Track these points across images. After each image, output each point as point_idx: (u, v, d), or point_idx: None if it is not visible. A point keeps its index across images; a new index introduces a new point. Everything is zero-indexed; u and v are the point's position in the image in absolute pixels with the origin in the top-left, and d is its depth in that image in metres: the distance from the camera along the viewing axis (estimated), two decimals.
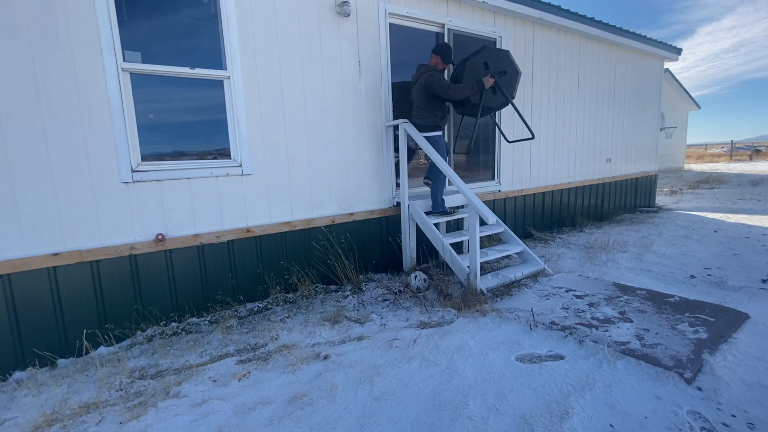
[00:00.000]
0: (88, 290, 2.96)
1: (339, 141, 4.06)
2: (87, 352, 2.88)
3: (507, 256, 4.57)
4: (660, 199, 9.75)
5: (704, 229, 6.33)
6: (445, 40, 4.76)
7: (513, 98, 4.22)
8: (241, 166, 3.51)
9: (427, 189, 4.30)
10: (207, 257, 3.43)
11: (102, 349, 2.96)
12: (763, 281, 3.89)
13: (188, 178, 3.28)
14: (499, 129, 4.28)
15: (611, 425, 1.92)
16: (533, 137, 4.52)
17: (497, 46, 5.32)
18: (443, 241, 3.88)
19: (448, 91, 3.97)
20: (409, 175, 4.33)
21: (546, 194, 6.33)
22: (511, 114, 5.35)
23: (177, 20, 3.22)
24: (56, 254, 2.81)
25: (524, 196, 5.96)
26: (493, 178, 5.57)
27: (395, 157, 4.45)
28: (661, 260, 4.71)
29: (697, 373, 2.28)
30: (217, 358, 2.77)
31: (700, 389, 2.16)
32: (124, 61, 2.97)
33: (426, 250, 4.58)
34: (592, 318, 3.04)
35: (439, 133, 4.16)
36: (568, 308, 3.25)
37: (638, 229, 6.49)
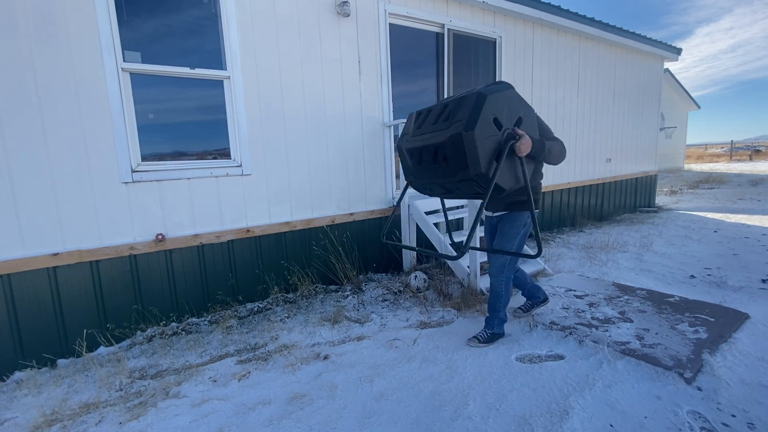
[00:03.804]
0: (88, 290, 2.96)
1: (339, 141, 4.06)
2: (87, 353, 2.88)
3: None
4: (660, 199, 9.75)
5: (704, 229, 6.33)
6: (445, 40, 4.76)
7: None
8: (241, 166, 3.51)
9: None
10: (207, 257, 3.43)
11: (102, 349, 2.96)
12: (763, 281, 3.89)
13: (188, 178, 3.28)
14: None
15: (611, 425, 1.92)
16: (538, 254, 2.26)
17: (497, 47, 5.31)
18: (444, 242, 3.88)
19: None
20: None
21: (546, 194, 6.33)
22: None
23: (177, 20, 3.22)
24: (56, 254, 2.81)
25: None
26: None
27: (395, 157, 4.45)
28: (661, 260, 4.71)
29: (697, 373, 2.28)
30: (217, 358, 2.77)
31: (700, 389, 2.15)
32: (124, 61, 2.97)
33: None
34: (592, 318, 3.04)
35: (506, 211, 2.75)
36: (568, 308, 3.25)
37: (638, 229, 6.49)
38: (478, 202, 3.49)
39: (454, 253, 3.44)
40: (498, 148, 2.09)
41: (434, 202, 4.37)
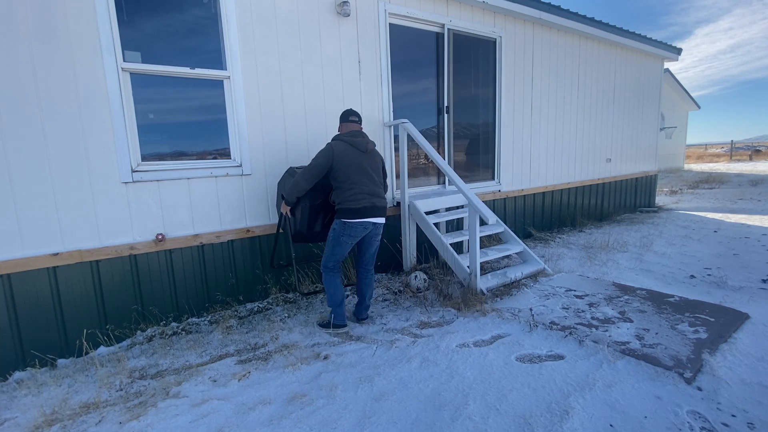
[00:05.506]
0: (88, 290, 2.96)
1: None
2: (87, 352, 2.88)
3: (507, 256, 4.57)
4: (660, 199, 9.75)
5: (704, 229, 6.33)
6: (445, 40, 4.76)
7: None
8: (240, 166, 3.51)
9: (429, 188, 4.13)
10: (207, 257, 3.43)
11: (102, 349, 2.96)
12: (763, 281, 3.89)
13: (188, 178, 3.28)
14: None
15: (611, 425, 1.92)
16: None
17: (497, 47, 5.31)
18: (443, 241, 3.88)
19: None
20: (409, 175, 4.33)
21: (546, 194, 6.33)
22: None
23: (177, 20, 3.22)
24: (56, 254, 2.81)
25: (524, 196, 5.96)
26: (493, 178, 5.57)
27: (395, 157, 4.44)
28: (661, 260, 4.71)
29: (697, 373, 2.28)
30: (217, 358, 2.77)
31: (700, 389, 2.16)
32: (124, 61, 2.97)
33: (426, 250, 4.58)
34: (592, 318, 3.04)
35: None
36: (568, 308, 3.25)
37: (638, 229, 6.48)
38: (477, 202, 3.51)
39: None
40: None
41: (434, 203, 4.37)
